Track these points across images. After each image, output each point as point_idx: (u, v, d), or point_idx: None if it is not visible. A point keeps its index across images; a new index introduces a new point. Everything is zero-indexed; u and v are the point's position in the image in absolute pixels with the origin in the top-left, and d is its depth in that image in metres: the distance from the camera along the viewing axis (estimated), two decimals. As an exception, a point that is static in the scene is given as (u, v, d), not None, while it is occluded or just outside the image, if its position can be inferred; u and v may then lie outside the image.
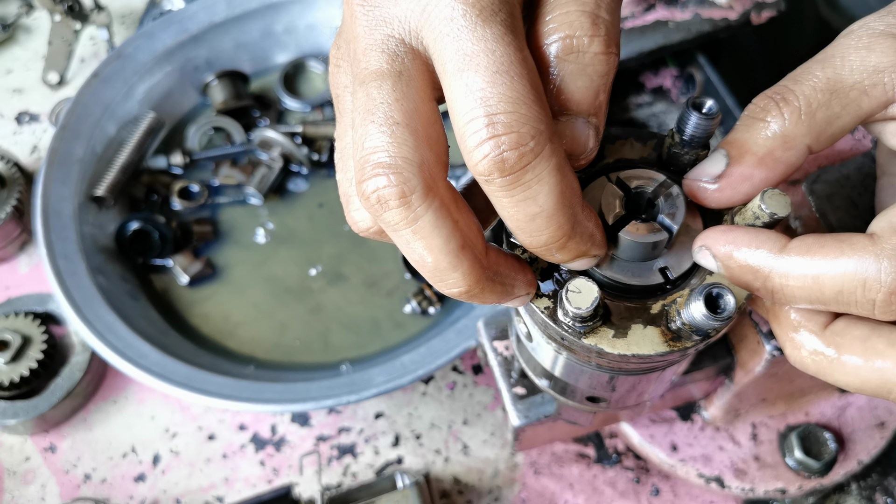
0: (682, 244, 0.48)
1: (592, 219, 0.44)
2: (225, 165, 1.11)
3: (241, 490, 0.92)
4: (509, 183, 0.40)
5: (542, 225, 0.42)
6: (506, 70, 0.39)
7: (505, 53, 0.39)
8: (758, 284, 0.45)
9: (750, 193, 0.46)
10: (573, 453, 0.92)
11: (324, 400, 0.86)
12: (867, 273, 0.41)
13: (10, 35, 1.31)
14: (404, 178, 0.40)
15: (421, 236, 0.42)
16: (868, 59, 0.44)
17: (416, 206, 0.41)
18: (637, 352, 0.46)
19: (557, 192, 0.40)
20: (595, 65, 0.42)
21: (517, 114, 0.39)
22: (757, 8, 1.08)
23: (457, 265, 0.42)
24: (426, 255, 0.42)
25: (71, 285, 0.93)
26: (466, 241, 0.42)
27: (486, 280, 0.44)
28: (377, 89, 0.42)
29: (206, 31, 1.16)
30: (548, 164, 0.40)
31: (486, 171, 0.39)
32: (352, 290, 1.03)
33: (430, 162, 0.41)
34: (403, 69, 0.42)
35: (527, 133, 0.39)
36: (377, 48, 0.43)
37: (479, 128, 0.39)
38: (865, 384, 0.45)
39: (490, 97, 0.39)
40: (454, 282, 0.43)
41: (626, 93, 1.17)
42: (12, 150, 1.17)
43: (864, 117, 0.46)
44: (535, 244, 0.43)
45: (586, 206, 0.44)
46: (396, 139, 0.41)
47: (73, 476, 0.94)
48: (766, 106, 0.46)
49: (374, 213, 0.42)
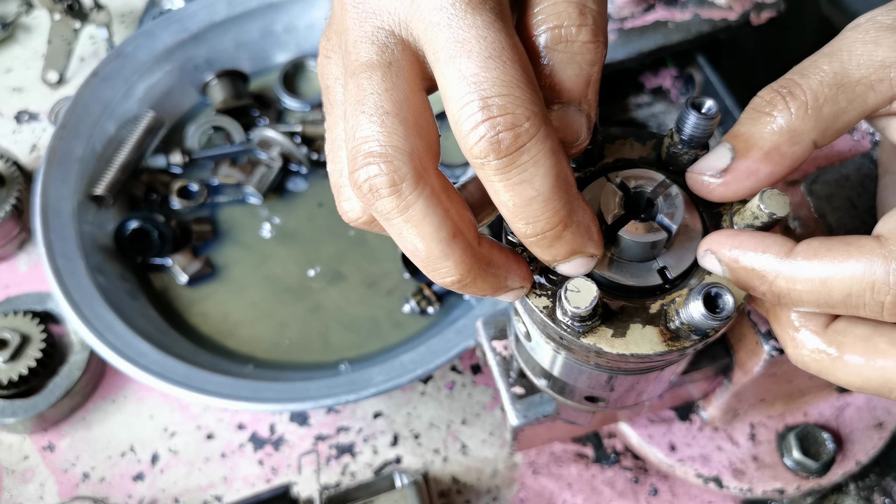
0: (681, 244, 0.48)
1: (588, 212, 0.45)
2: (224, 165, 1.11)
3: (240, 489, 0.92)
4: (505, 165, 0.40)
5: (538, 210, 0.42)
6: (498, 55, 0.40)
7: (496, 39, 0.40)
8: (764, 288, 0.45)
9: (754, 188, 0.46)
10: (572, 453, 0.92)
11: (322, 399, 0.86)
12: (875, 275, 0.41)
13: (10, 34, 1.31)
14: (395, 167, 0.41)
15: (412, 224, 0.42)
16: (875, 53, 0.44)
17: (407, 194, 0.41)
18: (636, 351, 0.46)
19: (553, 175, 0.41)
20: (584, 53, 0.43)
21: (511, 96, 0.39)
22: (756, 8, 1.08)
23: (449, 253, 0.43)
24: (418, 242, 0.42)
25: (70, 284, 0.93)
26: (458, 230, 0.43)
27: (479, 269, 0.44)
28: (367, 80, 0.42)
29: (206, 30, 1.16)
30: (543, 145, 0.40)
31: (482, 153, 0.40)
32: (351, 289, 1.04)
33: (420, 151, 0.42)
34: (393, 60, 0.43)
35: (521, 114, 0.39)
36: (367, 40, 0.43)
37: (474, 111, 0.39)
38: (867, 383, 0.45)
39: (484, 81, 0.39)
40: (447, 270, 0.43)
41: (626, 93, 1.17)
42: (12, 148, 1.17)
43: (869, 112, 0.45)
44: (532, 232, 0.43)
45: (581, 198, 0.44)
46: (387, 129, 0.41)
47: (71, 475, 0.94)
48: (772, 100, 0.45)
49: (367, 201, 0.42)
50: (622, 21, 1.10)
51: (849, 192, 0.62)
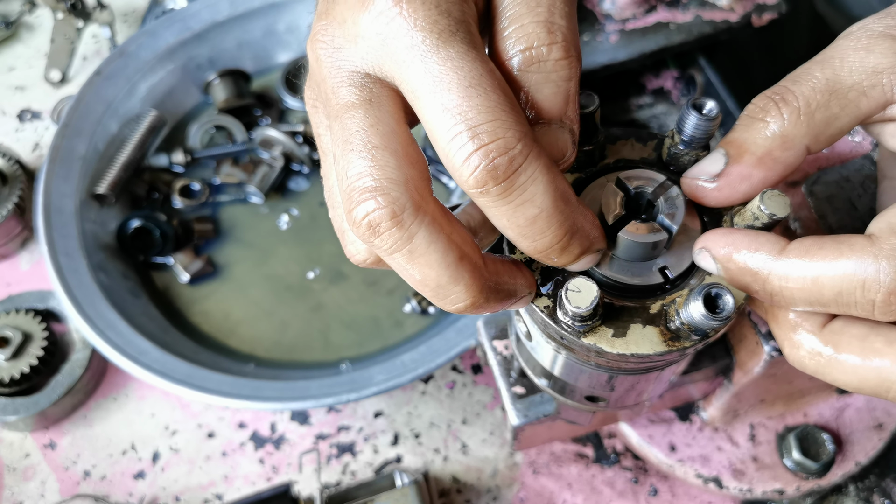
0: (682, 244, 0.48)
1: (589, 215, 0.45)
2: (226, 164, 1.12)
3: (241, 488, 0.92)
4: (505, 190, 0.40)
5: (543, 226, 0.42)
6: (477, 83, 0.39)
7: (472, 68, 0.40)
8: (757, 287, 0.45)
9: (748, 193, 0.46)
10: (572, 453, 0.92)
11: (323, 398, 0.86)
12: (866, 274, 0.41)
13: (13, 32, 1.31)
14: (393, 198, 0.40)
15: (418, 254, 0.41)
16: (867, 60, 0.44)
17: (409, 223, 0.41)
18: (636, 351, 0.46)
19: (553, 190, 0.41)
20: (558, 71, 0.43)
21: (498, 121, 0.39)
22: (758, 10, 1.08)
23: (458, 278, 0.42)
24: (427, 272, 0.42)
25: (72, 282, 0.93)
26: (463, 253, 0.42)
27: (489, 289, 0.44)
28: (351, 119, 0.42)
29: (209, 29, 1.16)
30: (538, 163, 0.40)
31: (480, 182, 0.39)
32: (352, 288, 1.04)
33: (415, 179, 0.41)
34: (373, 97, 0.43)
35: (512, 137, 0.39)
36: (345, 83, 0.43)
37: (465, 142, 0.39)
38: (864, 383, 0.45)
39: (468, 110, 0.39)
40: (457, 296, 0.43)
41: (628, 94, 1.17)
42: (14, 147, 1.17)
43: (862, 118, 0.46)
44: (539, 248, 0.43)
45: (581, 203, 0.44)
46: (378, 162, 0.41)
47: (72, 473, 0.94)
48: (765, 106, 0.46)
49: (367, 239, 0.42)
50: (624, 22, 1.10)
51: (849, 194, 0.62)
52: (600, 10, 1.11)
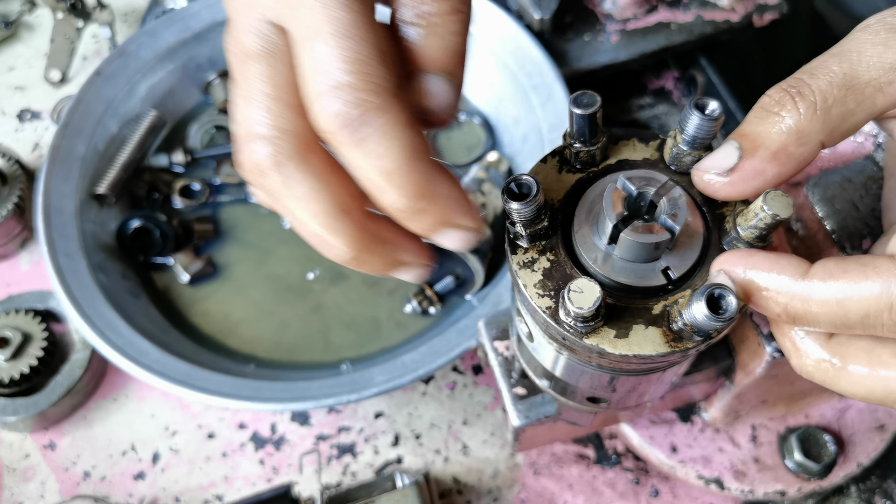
0: (684, 245, 0.48)
1: (454, 185, 0.46)
2: (227, 164, 1.11)
3: (241, 489, 0.92)
4: (354, 138, 0.41)
5: (397, 182, 0.43)
6: (349, 34, 0.41)
7: (348, 19, 0.42)
8: (779, 310, 0.44)
9: (760, 188, 0.45)
10: (573, 454, 0.92)
11: (324, 399, 0.86)
12: (893, 295, 0.40)
13: (13, 32, 1.31)
14: (278, 147, 0.43)
15: (301, 201, 0.44)
16: (885, 55, 0.44)
17: (291, 171, 0.43)
18: (638, 352, 0.46)
19: (407, 147, 0.42)
20: (446, 24, 0.45)
21: (360, 73, 0.41)
22: (759, 10, 1.08)
23: (338, 229, 0.45)
24: (307, 219, 0.44)
25: (72, 283, 0.93)
26: (347, 206, 0.45)
27: (371, 244, 0.46)
28: (251, 68, 0.45)
29: (209, 29, 1.16)
30: (396, 118, 0.41)
31: (331, 126, 0.41)
32: (352, 289, 1.04)
33: (304, 130, 0.44)
34: (273, 47, 0.45)
35: (369, 89, 0.41)
36: (249, 30, 0.45)
37: (323, 88, 0.41)
38: (871, 393, 0.45)
39: (332, 59, 0.41)
40: (338, 245, 0.45)
41: (629, 94, 1.17)
42: (14, 147, 1.17)
43: (877, 114, 0.45)
44: (394, 204, 0.44)
45: (445, 170, 0.45)
46: (271, 112, 0.43)
47: (72, 473, 0.94)
48: (780, 99, 0.45)
49: (254, 181, 0.45)
50: (625, 22, 1.10)
51: (851, 195, 0.62)
52: (601, 10, 1.11)
